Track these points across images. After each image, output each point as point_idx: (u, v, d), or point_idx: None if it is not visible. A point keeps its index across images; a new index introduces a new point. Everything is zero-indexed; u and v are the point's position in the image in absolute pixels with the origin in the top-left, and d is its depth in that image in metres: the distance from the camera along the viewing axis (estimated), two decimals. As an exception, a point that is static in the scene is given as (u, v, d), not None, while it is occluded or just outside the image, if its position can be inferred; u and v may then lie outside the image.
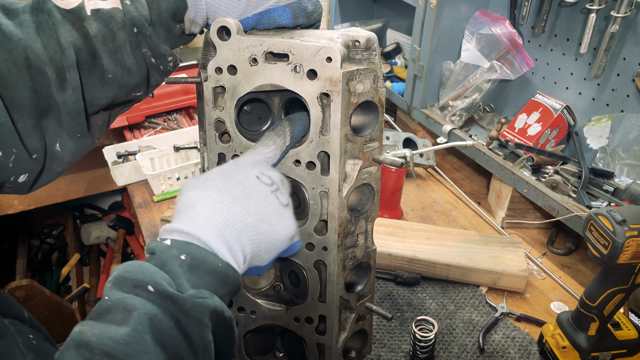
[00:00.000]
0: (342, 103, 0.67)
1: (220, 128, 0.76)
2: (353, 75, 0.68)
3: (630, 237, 0.86)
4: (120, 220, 2.86)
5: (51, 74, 0.61)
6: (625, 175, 1.32)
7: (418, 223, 1.46)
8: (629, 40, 1.28)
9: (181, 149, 1.65)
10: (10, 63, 0.58)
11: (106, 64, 0.65)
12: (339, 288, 0.80)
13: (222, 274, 0.56)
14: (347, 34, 0.70)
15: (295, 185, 0.76)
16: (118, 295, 0.50)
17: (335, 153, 0.70)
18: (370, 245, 0.84)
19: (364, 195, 0.80)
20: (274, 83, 0.70)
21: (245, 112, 0.78)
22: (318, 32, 0.71)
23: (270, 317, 0.86)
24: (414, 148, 1.71)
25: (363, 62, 0.71)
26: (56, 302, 2.23)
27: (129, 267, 0.53)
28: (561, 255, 1.42)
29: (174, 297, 0.51)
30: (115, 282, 0.52)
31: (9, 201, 2.14)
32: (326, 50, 0.65)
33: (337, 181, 0.72)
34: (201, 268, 0.55)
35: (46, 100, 0.62)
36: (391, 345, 1.14)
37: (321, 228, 0.76)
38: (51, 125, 0.63)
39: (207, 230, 0.57)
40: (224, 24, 0.68)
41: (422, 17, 1.62)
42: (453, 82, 1.65)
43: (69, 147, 0.66)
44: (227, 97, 0.73)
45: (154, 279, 0.51)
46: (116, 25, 0.64)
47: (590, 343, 1.01)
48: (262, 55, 0.69)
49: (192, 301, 0.52)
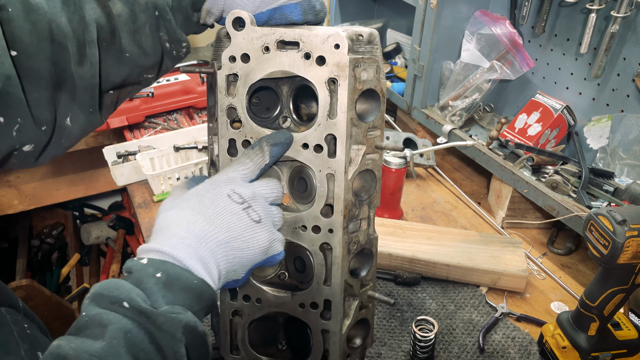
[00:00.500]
0: (348, 87, 0.72)
1: (232, 115, 0.79)
2: (358, 62, 0.73)
3: (630, 237, 0.86)
4: (120, 220, 2.86)
5: (72, 48, 0.63)
6: (625, 175, 1.32)
7: (418, 223, 1.46)
8: (629, 40, 1.28)
9: (181, 149, 1.65)
10: (34, 34, 0.60)
11: (125, 44, 0.68)
12: (344, 271, 0.82)
13: (197, 290, 0.58)
14: (351, 28, 0.75)
15: (301, 170, 0.79)
16: (95, 310, 0.53)
17: (342, 135, 0.74)
18: (372, 233, 0.87)
19: (367, 182, 0.84)
20: (285, 69, 0.74)
21: (254, 104, 0.81)
22: (324, 28, 0.75)
23: (275, 305, 0.87)
24: (414, 148, 1.71)
25: (366, 54, 0.76)
26: (56, 302, 2.23)
27: (106, 284, 0.55)
28: (561, 255, 1.42)
29: (147, 313, 0.53)
30: (93, 298, 0.54)
31: (9, 201, 2.14)
32: (335, 38, 0.70)
33: (344, 163, 0.75)
34: (176, 285, 0.57)
35: (63, 73, 0.64)
36: (391, 344, 1.14)
37: (326, 212, 0.79)
38: (64, 99, 0.66)
39: (182, 248, 0.60)
40: (239, 14, 0.72)
41: (422, 17, 1.62)
42: (453, 82, 1.65)
43: (80, 122, 0.69)
44: (240, 84, 0.76)
45: (129, 296, 0.54)
46: (139, 7, 0.68)
47: (591, 343, 1.01)
48: (274, 43, 0.73)
49: (165, 316, 0.54)
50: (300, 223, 0.79)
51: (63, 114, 0.66)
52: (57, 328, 2.33)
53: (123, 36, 0.68)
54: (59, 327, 2.27)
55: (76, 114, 0.68)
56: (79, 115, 0.68)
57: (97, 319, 0.52)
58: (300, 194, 0.82)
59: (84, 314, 0.53)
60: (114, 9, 0.67)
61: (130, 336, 0.51)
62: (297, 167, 0.80)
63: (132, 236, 2.90)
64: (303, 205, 0.82)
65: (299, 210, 0.81)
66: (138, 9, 0.68)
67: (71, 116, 0.67)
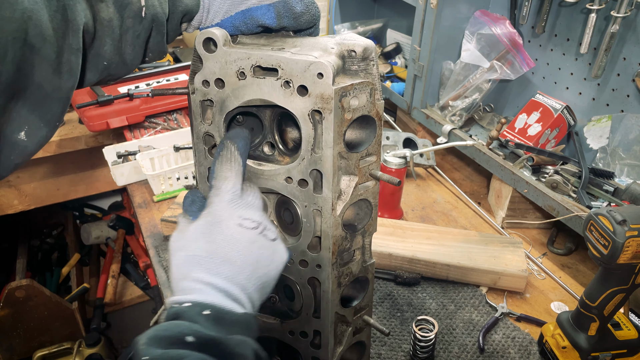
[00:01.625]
0: (334, 121, 0.64)
1: (209, 142, 0.73)
2: (347, 90, 0.64)
3: (630, 237, 0.86)
4: (120, 220, 2.87)
5: (49, 53, 0.54)
6: (625, 175, 1.32)
7: (418, 223, 1.46)
8: (629, 40, 1.28)
9: (181, 149, 1.65)
10: (4, 32, 0.51)
11: (106, 51, 0.62)
12: (334, 305, 0.78)
13: (245, 322, 0.57)
14: (343, 42, 0.67)
15: (287, 200, 0.74)
16: (158, 352, 0.49)
17: (328, 171, 0.67)
18: (368, 260, 0.81)
19: (361, 210, 0.77)
20: (263, 98, 0.66)
21: (237, 122, 0.75)
22: (312, 41, 0.68)
23: (265, 329, 0.84)
24: (414, 148, 1.71)
25: (359, 74, 0.68)
26: (56, 302, 2.23)
27: (160, 326, 0.52)
28: (561, 255, 1.42)
29: (217, 340, 0.51)
30: (151, 342, 0.50)
31: (9, 201, 2.14)
32: (317, 66, 0.61)
33: (331, 200, 0.69)
34: (226, 320, 0.55)
35: (25, 80, 0.54)
36: (391, 344, 1.14)
37: (315, 245, 0.74)
38: (20, 110, 0.56)
39: (213, 294, 0.57)
40: (210, 35, 0.65)
41: (422, 17, 1.62)
42: (453, 82, 1.65)
43: (40, 136, 0.59)
44: (216, 110, 0.70)
45: (191, 329, 0.51)
46: (128, 13, 0.61)
47: (591, 343, 1.01)
48: (250, 69, 0.65)
49: (236, 340, 0.52)
50: None
51: (14, 129, 0.56)
52: (57, 328, 2.34)
53: (106, 43, 0.60)
54: (59, 327, 2.28)
55: (36, 127, 0.57)
56: (39, 130, 0.58)
57: (164, 358, 0.48)
58: (288, 224, 0.77)
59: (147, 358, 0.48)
60: (104, 12, 0.59)
61: None
62: (284, 196, 0.73)
63: (132, 236, 2.90)
64: (290, 237, 0.77)
65: (286, 242, 0.76)
66: (127, 15, 0.61)
67: (27, 130, 0.57)
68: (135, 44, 0.63)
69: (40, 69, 0.55)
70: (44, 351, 2.26)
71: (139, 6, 0.61)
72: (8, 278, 2.59)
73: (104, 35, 0.60)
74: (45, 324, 2.25)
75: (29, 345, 2.27)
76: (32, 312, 2.20)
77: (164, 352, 0.48)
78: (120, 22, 0.61)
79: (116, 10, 0.60)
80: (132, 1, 0.61)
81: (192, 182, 1.65)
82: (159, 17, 0.63)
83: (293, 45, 0.66)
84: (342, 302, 0.81)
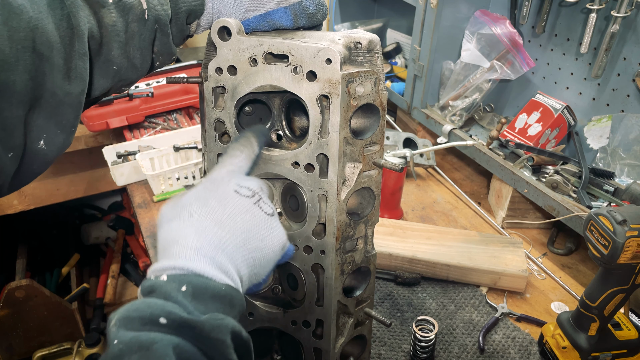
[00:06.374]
0: (341, 105, 0.67)
1: (220, 128, 0.75)
2: (353, 77, 0.67)
3: (630, 237, 0.86)
4: (120, 220, 2.86)
5: (57, 60, 0.56)
6: (625, 175, 1.32)
7: (418, 223, 1.46)
8: (629, 40, 1.28)
9: (181, 149, 1.65)
10: (13, 42, 0.52)
11: (115, 55, 0.62)
12: (337, 292, 0.79)
13: (227, 297, 0.53)
14: (349, 35, 0.70)
15: (293, 187, 0.76)
16: (128, 335, 0.46)
17: (334, 156, 0.70)
18: (370, 250, 0.83)
19: (364, 199, 0.79)
20: (274, 84, 0.69)
21: (246, 113, 0.77)
22: (320, 34, 0.71)
23: (267, 320, 0.85)
24: (414, 148, 1.71)
25: (364, 65, 0.71)
26: (56, 302, 2.23)
27: (131, 306, 0.48)
28: (561, 255, 1.42)
29: (191, 322, 0.48)
30: (121, 323, 0.47)
31: (9, 201, 2.14)
32: (326, 52, 0.65)
33: (336, 184, 0.71)
34: (205, 295, 0.51)
35: (39, 89, 0.55)
36: (391, 344, 1.14)
37: (319, 231, 0.76)
38: (36, 119, 0.57)
39: (198, 260, 0.54)
40: (225, 24, 0.68)
41: (422, 17, 1.62)
42: (453, 82, 1.65)
43: (58, 143, 0.60)
44: (227, 97, 0.73)
45: (165, 310, 0.48)
46: (132, 17, 0.62)
47: (591, 343, 1.01)
48: (262, 55, 0.69)
49: (211, 323, 0.48)
50: (292, 242, 0.74)
51: (35, 138, 0.57)
52: (57, 328, 2.34)
53: (113, 47, 0.61)
54: (59, 327, 2.28)
55: (53, 134, 0.59)
56: (57, 136, 0.59)
57: (134, 342, 0.45)
58: (293, 211, 0.79)
59: (115, 342, 0.45)
60: (107, 17, 0.60)
61: (179, 351, 0.45)
62: (290, 183, 0.76)
63: (132, 236, 2.90)
64: (295, 223, 0.78)
65: (291, 229, 0.77)
66: (131, 19, 0.61)
67: (46, 138, 0.58)
68: (142, 47, 0.64)
69: (51, 76, 0.56)
70: (44, 351, 2.26)
71: (142, 9, 0.62)
72: (8, 278, 2.59)
73: (111, 40, 0.61)
74: (45, 324, 2.25)
75: (29, 345, 2.27)
76: (32, 312, 2.20)
77: (134, 336, 0.45)
78: (125, 26, 0.62)
79: (119, 15, 0.61)
80: (134, 5, 0.62)
81: (192, 182, 1.65)
82: (161, 18, 0.64)
83: (302, 37, 0.70)
84: (344, 292, 0.82)
